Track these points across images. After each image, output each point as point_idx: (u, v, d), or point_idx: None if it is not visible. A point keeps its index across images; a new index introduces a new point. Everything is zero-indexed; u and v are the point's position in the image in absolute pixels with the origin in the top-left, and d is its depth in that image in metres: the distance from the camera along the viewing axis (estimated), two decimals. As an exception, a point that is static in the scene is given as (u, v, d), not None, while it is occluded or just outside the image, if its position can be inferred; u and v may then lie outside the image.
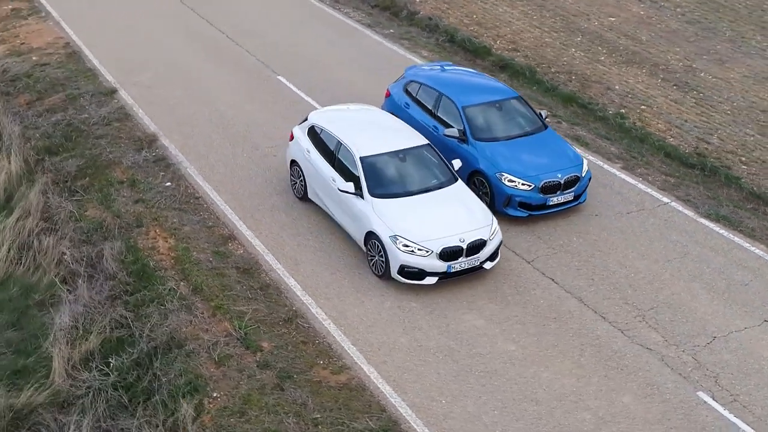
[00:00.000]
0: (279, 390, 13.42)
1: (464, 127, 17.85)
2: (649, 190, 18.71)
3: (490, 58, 25.43)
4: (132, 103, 21.74)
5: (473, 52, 25.82)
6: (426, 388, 13.47)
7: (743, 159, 20.78)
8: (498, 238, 15.71)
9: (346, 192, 15.99)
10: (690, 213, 17.96)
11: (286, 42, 25.57)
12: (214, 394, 13.34)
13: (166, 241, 16.79)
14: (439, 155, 16.77)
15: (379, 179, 16.03)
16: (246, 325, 14.58)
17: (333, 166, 16.63)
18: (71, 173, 18.99)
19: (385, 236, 15.25)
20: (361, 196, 15.87)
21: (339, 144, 16.66)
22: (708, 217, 17.84)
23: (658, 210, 18.02)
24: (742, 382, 13.76)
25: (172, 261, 16.27)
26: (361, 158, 16.15)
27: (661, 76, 24.72)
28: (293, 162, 17.79)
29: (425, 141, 16.95)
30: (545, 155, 17.67)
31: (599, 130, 21.56)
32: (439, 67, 20.02)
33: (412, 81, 19.42)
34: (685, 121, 22.30)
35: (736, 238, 17.21)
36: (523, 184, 17.06)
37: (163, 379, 13.72)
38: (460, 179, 16.56)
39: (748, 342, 14.56)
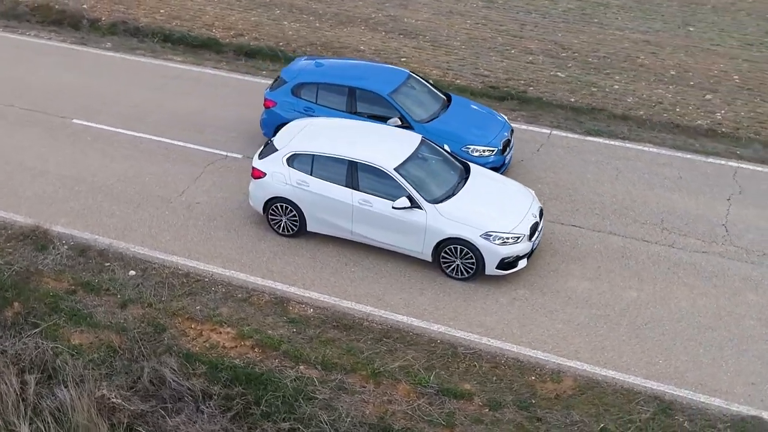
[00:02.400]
0: (537, 421, 11.74)
1: (402, 114, 16.36)
2: (524, 126, 19.03)
3: (227, 48, 22.96)
4: (-49, 200, 15.78)
5: (206, 47, 23.02)
6: (633, 358, 12.80)
7: (522, 83, 21.91)
8: (538, 202, 15.10)
9: (402, 208, 13.91)
10: (575, 135, 18.75)
11: (27, 81, 20.28)
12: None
13: (221, 334, 13.06)
14: (435, 144, 15.28)
15: (424, 185, 14.18)
16: (428, 377, 12.28)
17: (357, 189, 14.21)
18: (-14, 306, 13.48)
19: (474, 237, 13.71)
20: (418, 207, 13.93)
21: (353, 164, 14.23)
22: (590, 134, 18.81)
23: (552, 140, 18.52)
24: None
25: (257, 350, 12.79)
26: (395, 170, 14.08)
27: (381, 29, 24.64)
28: (274, 199, 14.76)
29: (419, 134, 15.28)
30: (479, 119, 17.03)
31: (409, 89, 21.00)
32: (313, 63, 17.72)
33: (303, 83, 16.98)
34: (447, 63, 22.72)
35: (627, 144, 18.44)
36: (487, 151, 16.34)
37: (412, 470, 11.14)
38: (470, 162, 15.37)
39: (743, 217, 15.96)
